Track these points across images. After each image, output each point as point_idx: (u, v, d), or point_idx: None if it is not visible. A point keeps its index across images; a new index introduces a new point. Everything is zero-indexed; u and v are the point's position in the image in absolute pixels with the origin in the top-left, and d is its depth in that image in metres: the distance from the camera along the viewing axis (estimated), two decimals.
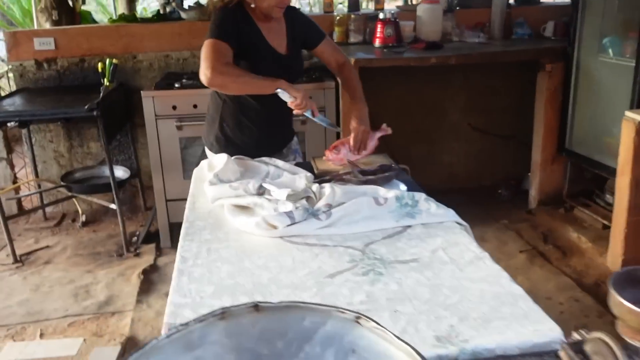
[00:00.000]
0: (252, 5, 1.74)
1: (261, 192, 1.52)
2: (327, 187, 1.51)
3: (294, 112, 1.70)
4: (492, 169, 4.38)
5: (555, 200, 3.92)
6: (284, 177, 1.65)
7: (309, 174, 1.63)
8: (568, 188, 3.88)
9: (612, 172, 3.14)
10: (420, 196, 1.49)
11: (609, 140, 3.29)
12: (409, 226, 1.42)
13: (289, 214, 1.40)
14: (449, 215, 1.47)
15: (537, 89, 3.70)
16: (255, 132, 1.90)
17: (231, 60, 1.62)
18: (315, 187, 1.53)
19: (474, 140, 4.30)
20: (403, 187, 1.63)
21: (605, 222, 3.43)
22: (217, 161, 1.80)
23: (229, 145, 1.91)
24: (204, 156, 2.02)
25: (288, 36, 1.82)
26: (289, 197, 1.46)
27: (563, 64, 3.54)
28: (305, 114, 1.71)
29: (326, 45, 1.95)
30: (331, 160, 1.81)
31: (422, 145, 4.19)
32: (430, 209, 1.49)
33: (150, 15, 4.19)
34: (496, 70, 3.96)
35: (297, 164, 1.82)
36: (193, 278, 1.20)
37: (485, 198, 4.19)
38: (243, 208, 1.51)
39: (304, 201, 1.46)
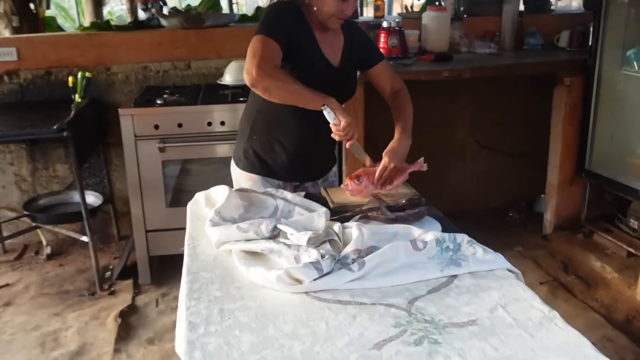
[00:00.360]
0: (315, 8, 1.69)
1: (275, 233, 1.42)
2: (353, 227, 1.42)
3: (332, 135, 1.64)
4: (501, 189, 4.37)
5: (573, 224, 3.88)
6: (298, 213, 1.56)
7: (325, 210, 1.53)
8: (587, 212, 3.85)
9: (637, 195, 3.15)
10: (462, 238, 1.42)
11: (633, 161, 3.29)
12: (455, 276, 1.34)
13: (315, 265, 1.28)
14: (498, 261, 1.39)
15: (554, 104, 3.66)
16: (288, 152, 1.86)
17: (279, 63, 1.59)
18: (337, 226, 1.44)
19: (482, 158, 4.29)
20: (437, 225, 1.57)
21: (631, 249, 3.41)
22: (216, 195, 1.72)
23: (258, 162, 1.89)
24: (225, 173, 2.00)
25: (344, 50, 1.78)
26: (310, 241, 1.37)
27: (583, 77, 3.50)
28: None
29: (384, 68, 1.92)
30: (350, 191, 1.72)
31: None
32: (477, 253, 1.41)
33: (116, 22, 4.04)
34: (506, 83, 3.91)
35: (307, 195, 1.74)
36: (208, 353, 1.05)
37: (494, 222, 4.15)
38: (255, 255, 1.42)
39: (327, 245, 1.38)
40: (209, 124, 3.06)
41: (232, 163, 2.02)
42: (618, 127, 3.43)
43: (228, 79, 3.29)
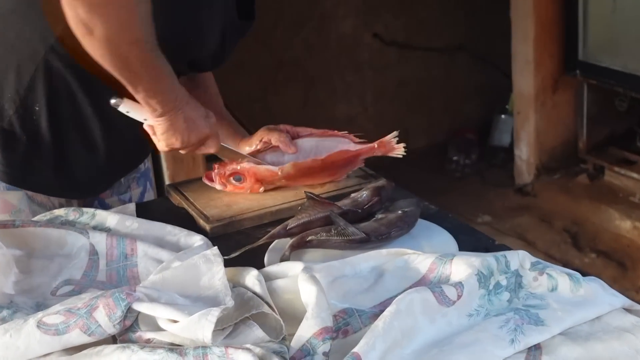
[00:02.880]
0: None
1: (128, 325, 1.28)
2: (289, 272, 1.34)
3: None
4: (428, 116, 4.62)
5: (567, 160, 4.01)
6: (151, 260, 1.49)
7: (205, 241, 1.49)
8: (588, 135, 3.92)
9: None
10: (520, 258, 1.35)
11: None
12: (538, 348, 1.23)
13: None
14: (605, 296, 1.31)
15: None
16: (77, 136, 1.85)
17: None
18: (251, 276, 1.33)
19: (389, 64, 4.38)
20: (445, 236, 1.55)
21: None
22: None
23: (16, 147, 1.84)
24: None
25: None
26: (217, 331, 1.22)
27: None
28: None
29: None
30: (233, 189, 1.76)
31: (297, 89, 4.32)
32: (558, 286, 1.33)
33: None
34: None
35: (138, 205, 1.78)
36: None
37: (428, 177, 4.28)
38: None
39: (255, 330, 1.24)
40: None
41: None
42: None
43: None
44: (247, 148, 1.88)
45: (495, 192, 4.13)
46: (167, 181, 3.00)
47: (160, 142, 1.69)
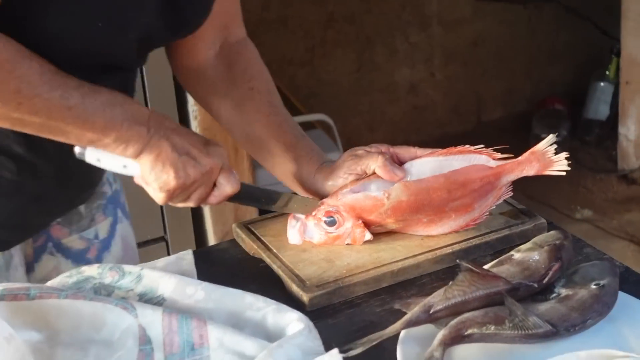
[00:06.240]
0: None
1: None
2: None
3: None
4: (508, 82, 4.67)
5: None
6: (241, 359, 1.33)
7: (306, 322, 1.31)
8: None
9: None
10: None
11: None
12: None
13: None
14: None
15: None
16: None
17: None
18: None
19: (462, 19, 4.48)
20: None
21: None
22: None
23: None
24: None
25: None
26: None
27: None
28: None
29: None
30: (321, 243, 1.57)
31: (349, 50, 4.29)
32: None
33: None
34: None
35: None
36: None
37: (506, 152, 4.18)
38: None
39: None
40: None
41: None
42: None
43: None
44: (328, 184, 1.60)
45: (594, 179, 4.04)
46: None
47: (154, 190, 1.53)
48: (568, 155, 1.55)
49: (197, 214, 3.05)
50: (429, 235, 1.47)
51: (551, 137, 1.54)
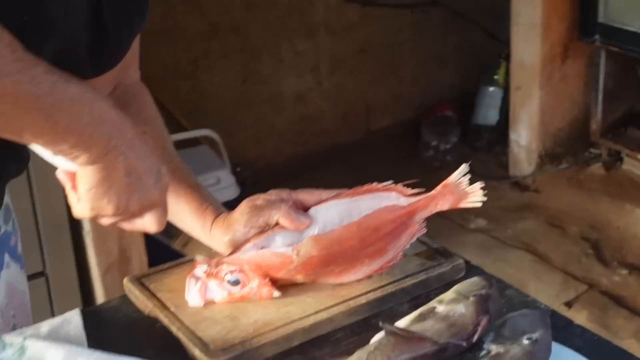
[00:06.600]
0: None
1: None
2: None
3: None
4: (396, 89, 4.64)
5: (575, 146, 4.06)
6: None
7: None
8: (603, 114, 3.94)
9: None
10: None
11: None
12: None
13: None
14: None
15: None
16: None
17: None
18: None
19: (349, 26, 4.42)
20: None
21: None
22: None
23: None
24: None
25: None
26: None
27: None
28: None
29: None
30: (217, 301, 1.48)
31: (234, 61, 4.22)
32: None
33: None
34: None
35: None
36: None
37: (398, 165, 4.29)
38: None
39: None
40: None
41: None
42: None
43: None
44: (226, 239, 1.50)
45: (487, 186, 3.89)
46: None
47: (82, 203, 1.38)
48: (483, 185, 1.51)
49: (78, 244, 2.91)
50: (341, 283, 1.39)
51: (464, 167, 1.49)
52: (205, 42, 3.94)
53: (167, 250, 1.94)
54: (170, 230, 1.52)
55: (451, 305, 1.22)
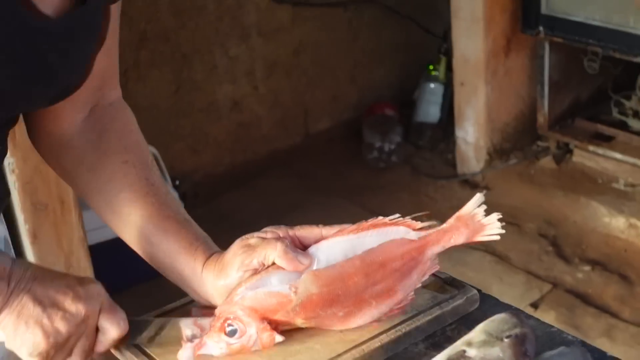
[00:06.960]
0: None
1: None
2: None
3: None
4: (333, 89, 4.63)
5: (522, 139, 4.09)
6: None
7: None
8: (550, 106, 3.97)
9: None
10: None
11: None
12: None
13: None
14: None
15: None
16: None
17: None
18: None
19: (282, 27, 4.40)
20: None
21: None
22: None
23: None
24: None
25: None
26: None
27: None
28: None
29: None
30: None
31: (166, 70, 4.17)
32: None
33: None
34: None
35: None
36: None
37: (341, 168, 4.29)
38: None
39: None
40: None
41: None
42: None
43: None
44: (218, 285, 1.40)
45: (435, 185, 4.05)
46: (27, 246, 2.63)
47: (24, 355, 1.39)
48: (501, 217, 1.40)
49: None
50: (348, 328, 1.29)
51: (479, 197, 1.40)
52: (134, 52, 3.83)
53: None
54: (140, 325, 1.44)
55: (485, 349, 1.14)
